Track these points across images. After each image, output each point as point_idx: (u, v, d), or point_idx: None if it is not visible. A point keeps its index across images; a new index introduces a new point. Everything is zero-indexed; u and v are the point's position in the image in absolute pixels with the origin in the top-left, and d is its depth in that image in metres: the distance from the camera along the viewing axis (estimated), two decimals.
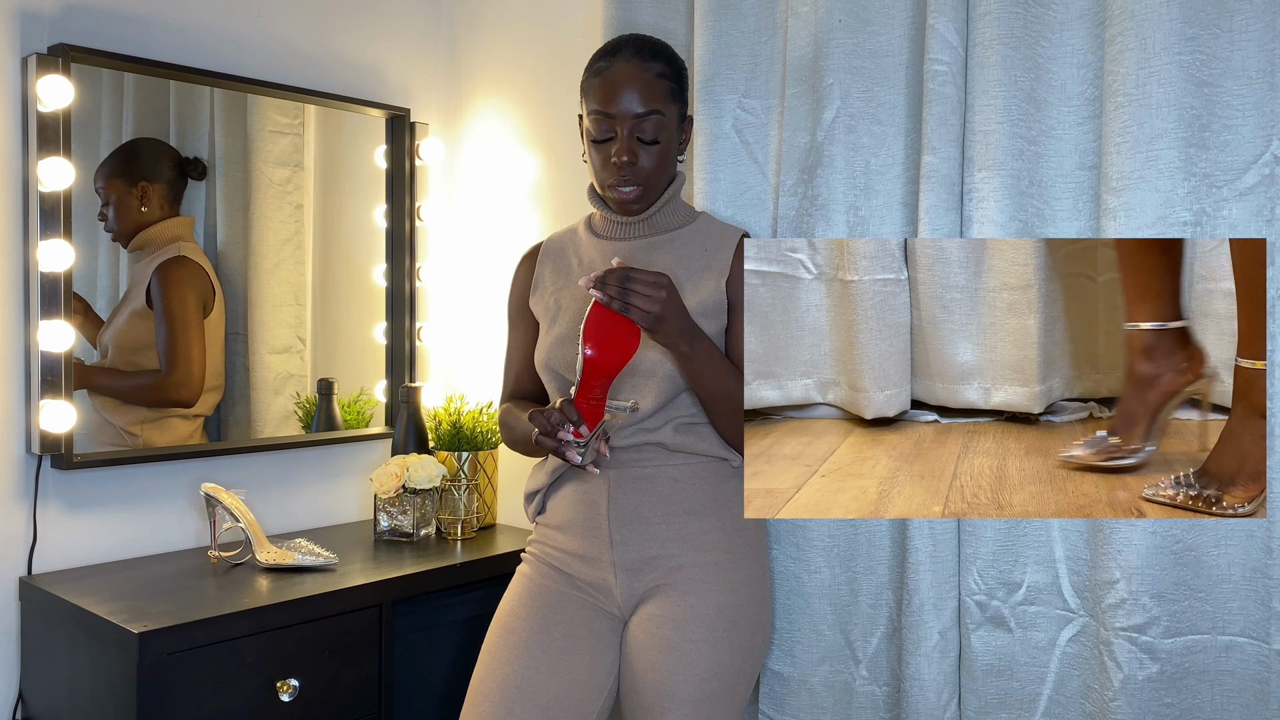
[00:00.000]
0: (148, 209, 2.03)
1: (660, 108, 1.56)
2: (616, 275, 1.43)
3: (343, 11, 2.33)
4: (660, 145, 1.58)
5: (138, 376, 2.03)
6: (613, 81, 1.56)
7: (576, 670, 1.55)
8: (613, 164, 1.56)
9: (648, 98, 1.55)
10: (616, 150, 1.56)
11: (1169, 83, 1.39)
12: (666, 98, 1.58)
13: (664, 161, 1.59)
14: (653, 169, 1.58)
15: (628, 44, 1.59)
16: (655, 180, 1.60)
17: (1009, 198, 1.54)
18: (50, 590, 1.79)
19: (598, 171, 1.60)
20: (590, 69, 1.61)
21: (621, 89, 1.55)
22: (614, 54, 1.58)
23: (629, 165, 1.55)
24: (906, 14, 1.65)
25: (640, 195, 1.59)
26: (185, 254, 2.08)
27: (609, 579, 1.58)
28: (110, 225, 2.00)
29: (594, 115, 1.57)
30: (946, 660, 1.60)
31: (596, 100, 1.57)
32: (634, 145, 1.56)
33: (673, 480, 1.57)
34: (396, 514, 2.15)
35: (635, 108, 1.55)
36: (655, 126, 1.56)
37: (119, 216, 2.00)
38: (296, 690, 1.74)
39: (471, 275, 2.48)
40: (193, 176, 2.11)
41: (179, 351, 2.05)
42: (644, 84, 1.55)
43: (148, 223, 2.04)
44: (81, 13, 1.94)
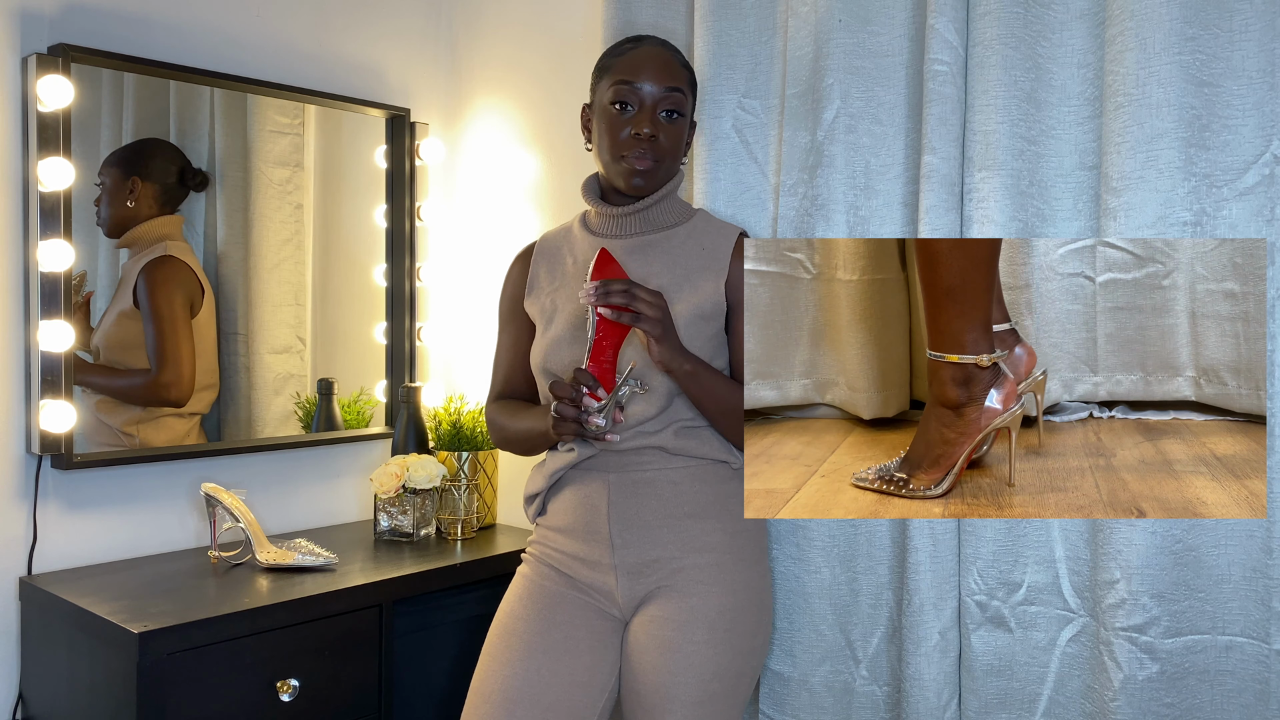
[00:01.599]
0: (134, 205, 2.03)
1: (683, 89, 1.60)
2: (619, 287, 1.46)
3: (343, 11, 2.33)
4: (677, 128, 1.60)
5: (129, 375, 2.03)
6: (641, 58, 1.59)
7: (577, 672, 1.55)
8: (633, 135, 1.57)
9: (674, 77, 1.59)
10: (637, 121, 1.57)
11: (1169, 83, 1.39)
12: (687, 86, 1.62)
13: (677, 147, 1.61)
14: (669, 148, 1.59)
15: (650, 37, 1.64)
16: (668, 162, 1.61)
17: (1009, 198, 1.54)
18: (50, 590, 1.79)
19: (611, 145, 1.59)
20: (611, 52, 1.63)
21: (649, 64, 1.58)
22: (639, 41, 1.63)
23: (649, 139, 1.57)
24: (906, 14, 1.65)
25: (652, 170, 1.59)
26: (172, 253, 2.07)
27: (610, 582, 1.58)
28: (102, 214, 1.99)
29: (618, 86, 1.58)
30: (946, 660, 1.60)
31: (622, 72, 1.59)
32: (656, 120, 1.58)
33: (673, 484, 1.57)
34: (396, 514, 2.15)
35: (661, 82, 1.58)
36: (677, 106, 1.59)
37: (108, 206, 2.00)
38: (296, 690, 1.74)
39: (471, 275, 2.48)
40: (193, 187, 2.11)
41: (168, 351, 2.05)
42: (671, 66, 1.60)
43: (135, 220, 2.03)
44: (81, 13, 1.94)
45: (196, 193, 2.12)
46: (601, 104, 1.61)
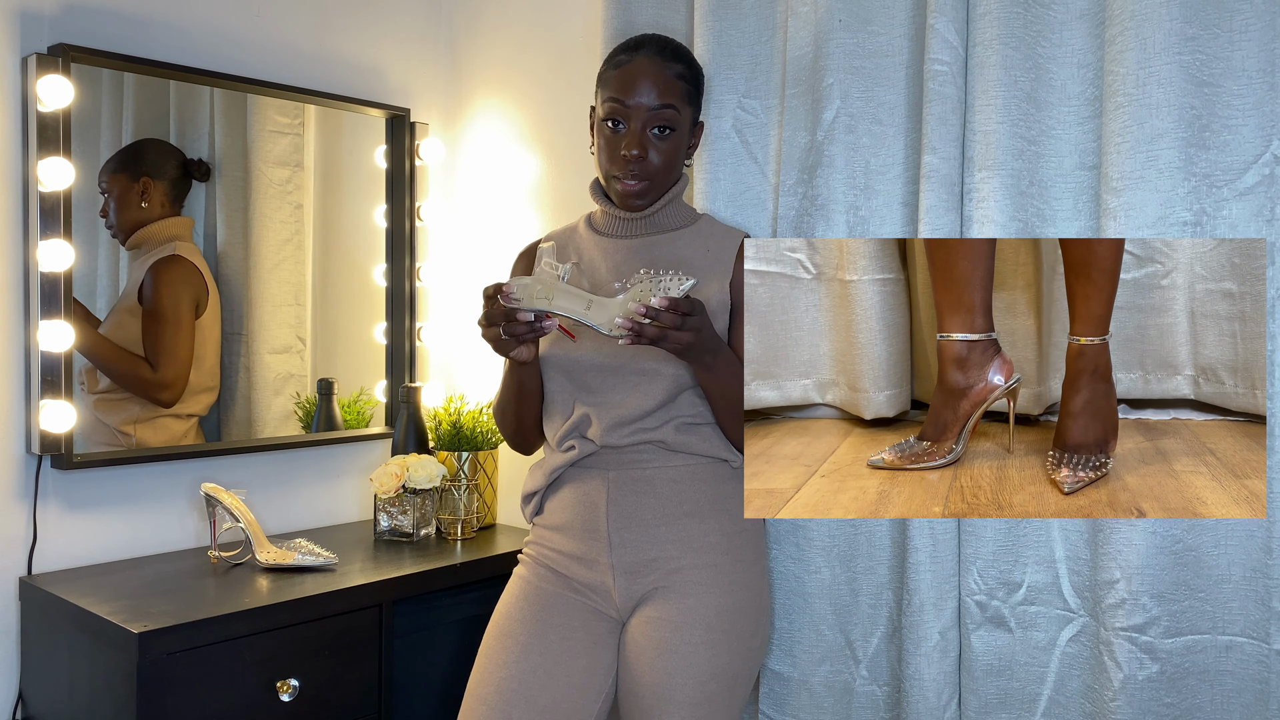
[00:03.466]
0: (148, 205, 2.03)
1: (676, 105, 1.58)
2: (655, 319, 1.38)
3: (343, 11, 2.33)
4: (670, 144, 1.58)
5: (131, 363, 2.02)
6: (632, 74, 1.57)
7: (574, 673, 1.55)
8: (621, 156, 1.57)
9: (665, 93, 1.57)
10: (627, 143, 1.56)
11: (1169, 83, 1.39)
12: (682, 98, 1.59)
13: (672, 160, 1.60)
14: (660, 166, 1.58)
15: (650, 42, 1.61)
16: (661, 178, 1.60)
17: (1009, 198, 1.54)
18: (50, 590, 1.79)
19: (605, 162, 1.60)
20: (610, 61, 1.62)
21: (640, 82, 1.56)
22: (636, 49, 1.60)
23: (637, 160, 1.56)
24: (906, 14, 1.65)
25: (643, 191, 1.59)
26: (181, 253, 2.08)
27: (607, 581, 1.58)
28: (111, 221, 2.00)
29: (609, 103, 1.58)
30: (946, 660, 1.60)
31: (614, 89, 1.58)
32: (645, 139, 1.57)
33: (672, 482, 1.57)
34: (396, 514, 2.15)
35: (651, 101, 1.56)
36: (668, 123, 1.57)
37: (119, 211, 2.00)
38: (296, 690, 1.74)
39: (471, 275, 2.48)
40: (196, 177, 2.11)
41: (166, 352, 2.05)
42: (663, 80, 1.57)
43: (147, 220, 2.04)
44: (81, 13, 1.94)
45: (200, 182, 2.12)
46: (598, 117, 1.61)
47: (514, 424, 1.68)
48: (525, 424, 1.68)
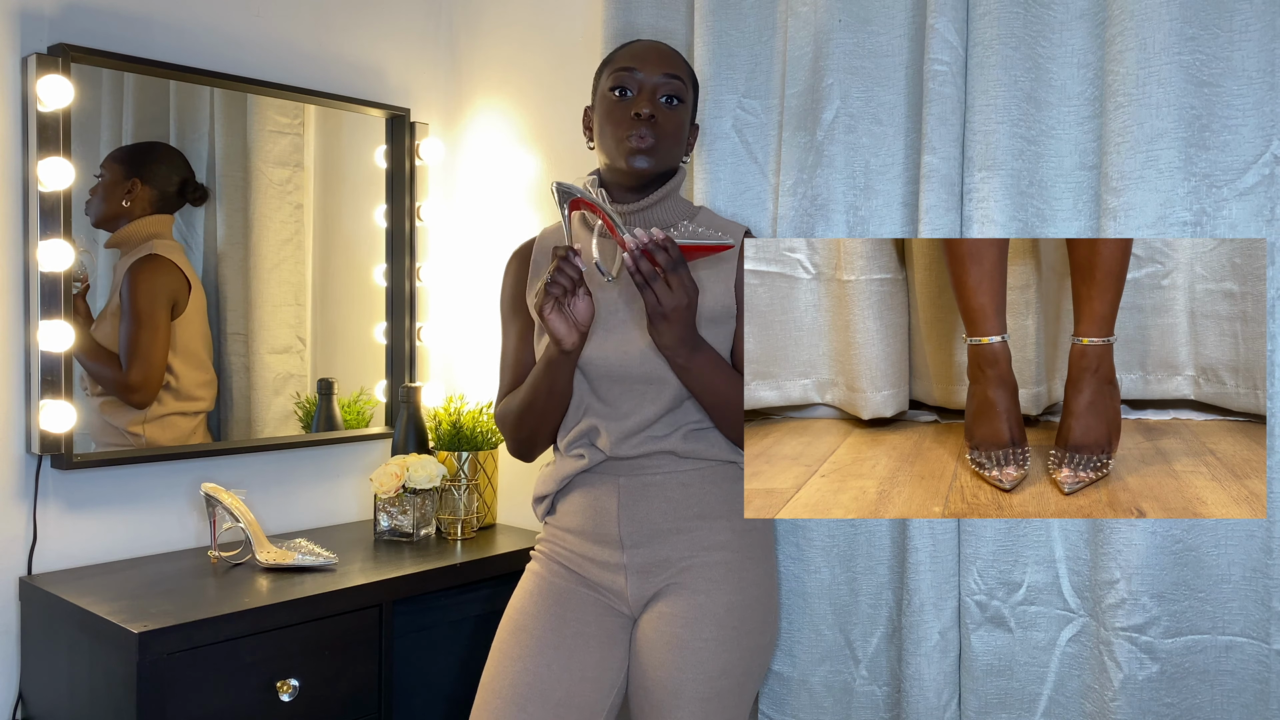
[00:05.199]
0: (129, 205, 2.02)
1: (683, 79, 1.60)
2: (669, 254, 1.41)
3: (343, 11, 2.33)
4: (677, 116, 1.60)
5: (107, 364, 2.01)
6: (640, 48, 1.62)
7: (588, 668, 1.55)
8: (633, 116, 1.57)
9: (673, 65, 1.60)
10: (638, 101, 1.57)
11: (1169, 83, 1.39)
12: (687, 79, 1.62)
13: (678, 132, 1.60)
14: (669, 131, 1.58)
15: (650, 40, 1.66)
16: (668, 146, 1.59)
17: (1009, 198, 1.54)
18: (50, 590, 1.79)
19: (612, 129, 1.58)
20: (614, 51, 1.65)
21: (649, 53, 1.60)
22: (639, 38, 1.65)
23: (649, 120, 1.56)
24: (906, 14, 1.65)
25: (653, 148, 1.57)
26: (158, 251, 2.06)
27: (620, 581, 1.58)
28: (94, 207, 1.97)
29: (617, 74, 1.59)
30: (946, 660, 1.60)
31: (623, 60, 1.60)
32: (656, 102, 1.58)
33: (683, 485, 1.58)
34: (396, 514, 2.15)
35: (662, 69, 1.59)
36: (676, 94, 1.59)
37: (103, 200, 1.99)
38: (296, 690, 1.74)
39: (471, 275, 2.48)
40: (191, 200, 2.10)
41: (136, 354, 2.03)
42: (671, 56, 1.61)
43: (126, 218, 2.02)
44: (81, 13, 1.94)
45: (194, 207, 2.11)
46: (602, 93, 1.61)
47: (532, 427, 1.64)
48: (541, 431, 1.64)
